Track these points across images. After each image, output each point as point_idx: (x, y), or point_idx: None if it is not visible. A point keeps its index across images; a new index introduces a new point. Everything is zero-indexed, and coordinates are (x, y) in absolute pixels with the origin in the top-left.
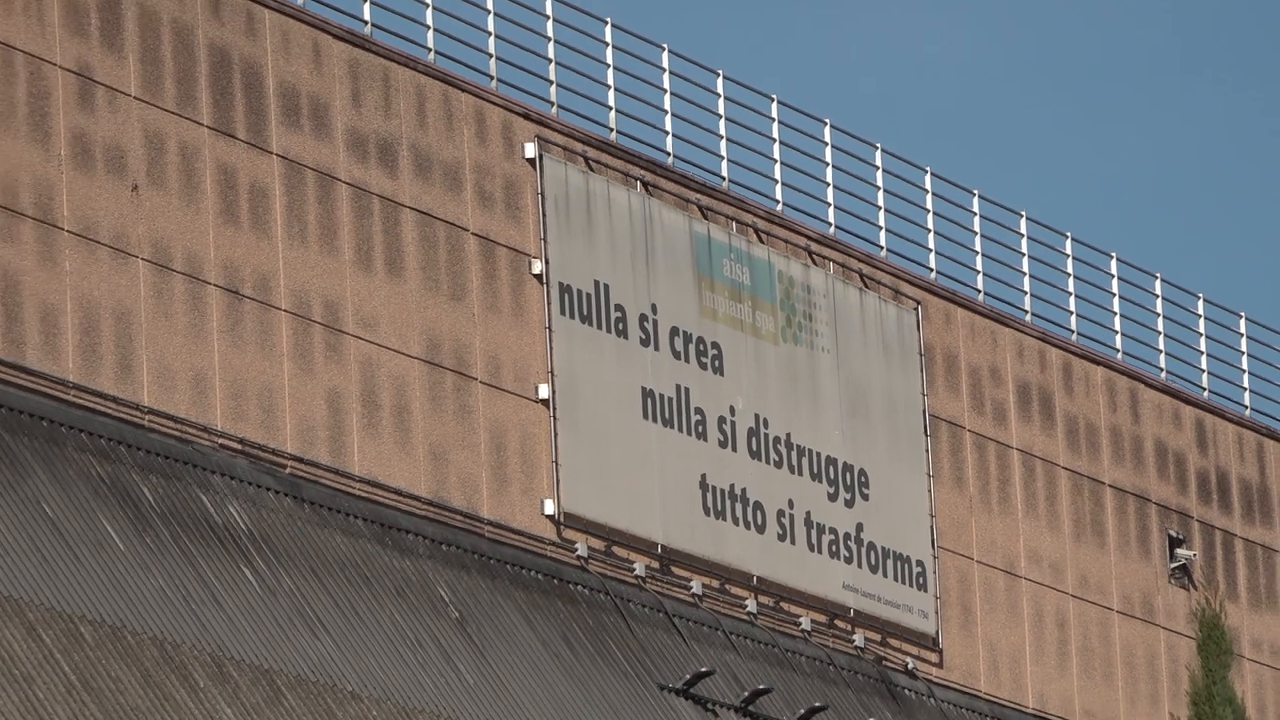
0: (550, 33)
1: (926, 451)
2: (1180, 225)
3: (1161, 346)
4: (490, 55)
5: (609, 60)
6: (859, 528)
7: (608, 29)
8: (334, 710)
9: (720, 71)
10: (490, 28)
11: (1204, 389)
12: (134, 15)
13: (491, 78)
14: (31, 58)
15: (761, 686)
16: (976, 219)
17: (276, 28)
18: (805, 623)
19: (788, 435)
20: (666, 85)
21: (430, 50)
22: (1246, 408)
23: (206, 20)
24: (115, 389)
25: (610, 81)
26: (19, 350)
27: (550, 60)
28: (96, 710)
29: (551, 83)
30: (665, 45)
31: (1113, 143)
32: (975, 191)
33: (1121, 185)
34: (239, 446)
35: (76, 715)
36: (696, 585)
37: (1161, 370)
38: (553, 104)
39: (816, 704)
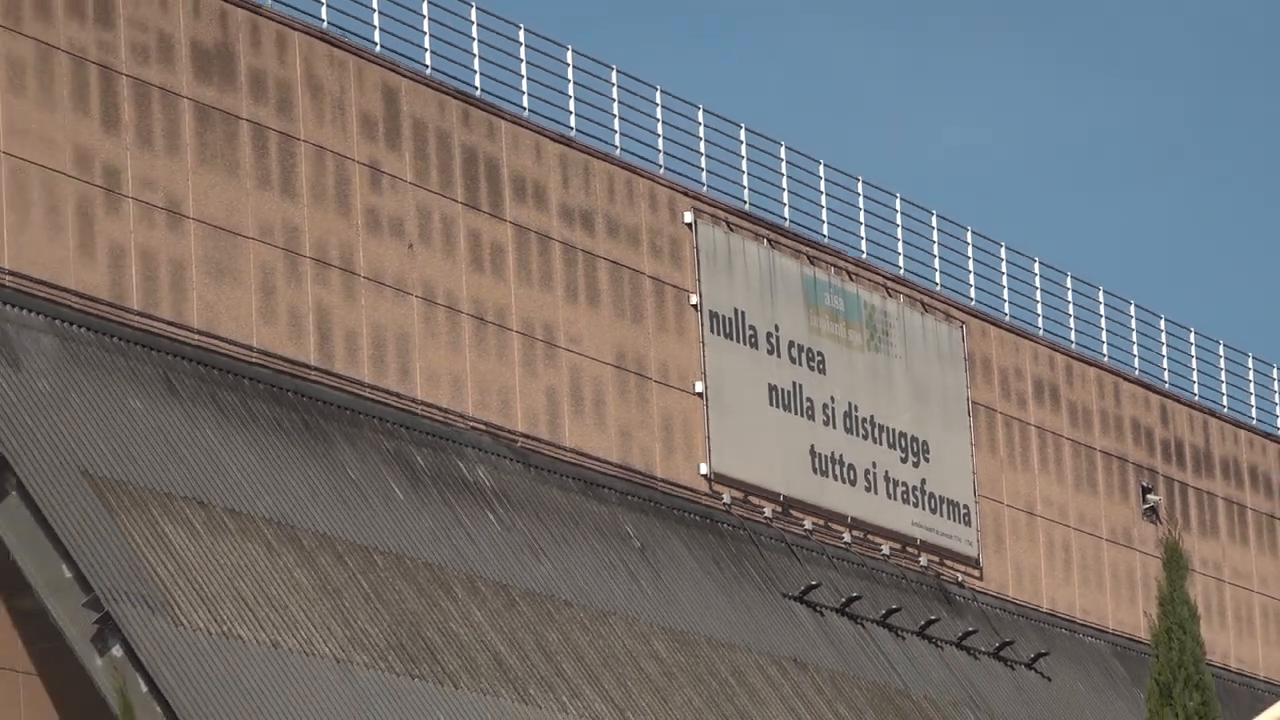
0: (701, 134)
1: (969, 428)
2: (1153, 257)
3: (1135, 352)
4: (660, 150)
5: (743, 154)
6: (923, 482)
7: (742, 131)
8: (552, 613)
9: (821, 160)
10: (659, 131)
11: (1165, 382)
12: (409, 124)
13: (660, 166)
14: (337, 155)
15: (854, 594)
16: (1004, 263)
17: (509, 132)
18: (885, 549)
19: (871, 416)
20: (784, 170)
21: (618, 148)
22: (1196, 395)
23: (459, 127)
24: (398, 387)
25: (744, 168)
26: (329, 360)
27: (702, 154)
28: (385, 614)
29: (703, 170)
30: (783, 142)
31: (1106, 200)
32: (1002, 243)
33: (1107, 233)
34: (484, 427)
35: (372, 617)
36: (807, 523)
37: (1135, 369)
38: (704, 185)
39: (893, 606)
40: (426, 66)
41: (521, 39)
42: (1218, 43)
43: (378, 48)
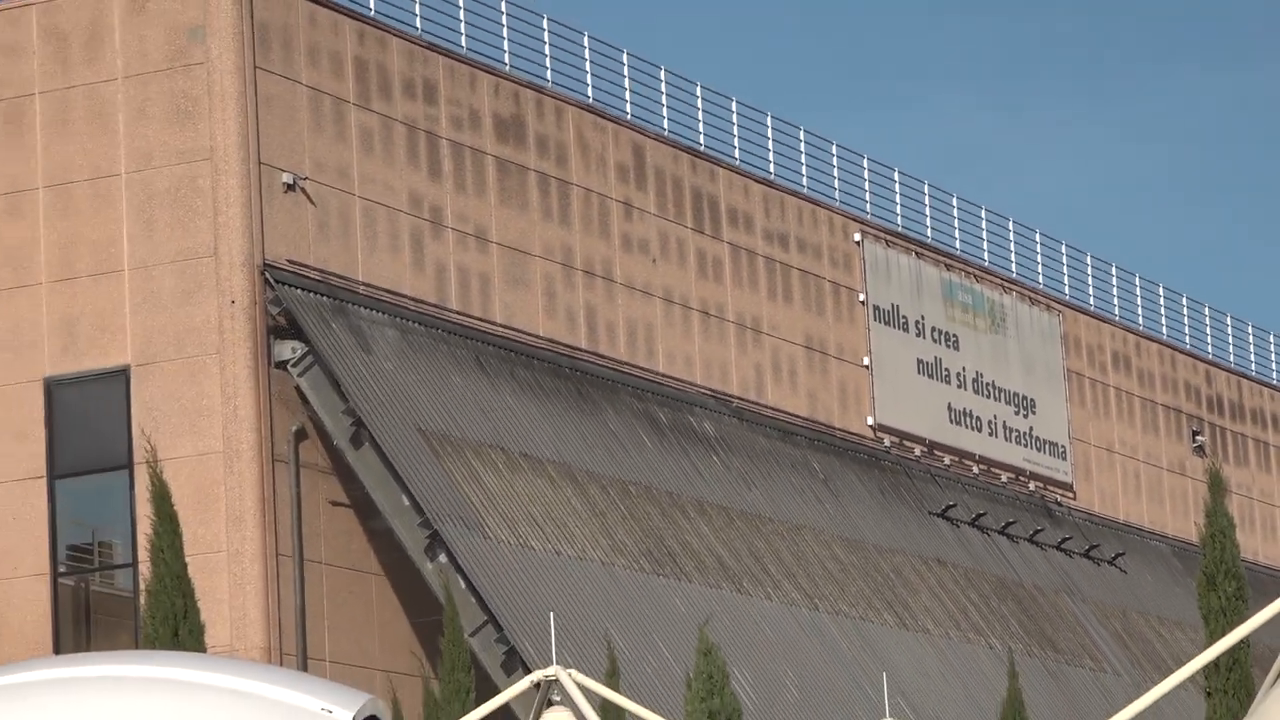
0: (866, 175)
1: (1065, 389)
2: (1200, 255)
3: (1187, 331)
4: (835, 188)
5: (897, 189)
6: (1030, 429)
7: (895, 172)
8: (759, 527)
9: (954, 194)
10: (835, 174)
11: (1209, 352)
12: (652, 171)
13: (836, 200)
14: (600, 195)
15: (981, 512)
16: (1089, 268)
17: (725, 176)
18: (1003, 478)
19: (993, 381)
20: (927, 203)
21: (804, 186)
22: (1232, 362)
23: (689, 173)
24: (645, 363)
25: (898, 200)
26: (595, 344)
27: (867, 190)
28: (638, 529)
29: (867, 202)
30: (925, 180)
31: (1165, 214)
32: (1088, 252)
33: (1165, 240)
34: (709, 392)
35: (628, 531)
36: (946, 459)
37: (1187, 343)
38: (868, 213)
39: (1010, 520)
40: (665, 130)
41: (734, 108)
42: (1244, 101)
43: (629, 115)
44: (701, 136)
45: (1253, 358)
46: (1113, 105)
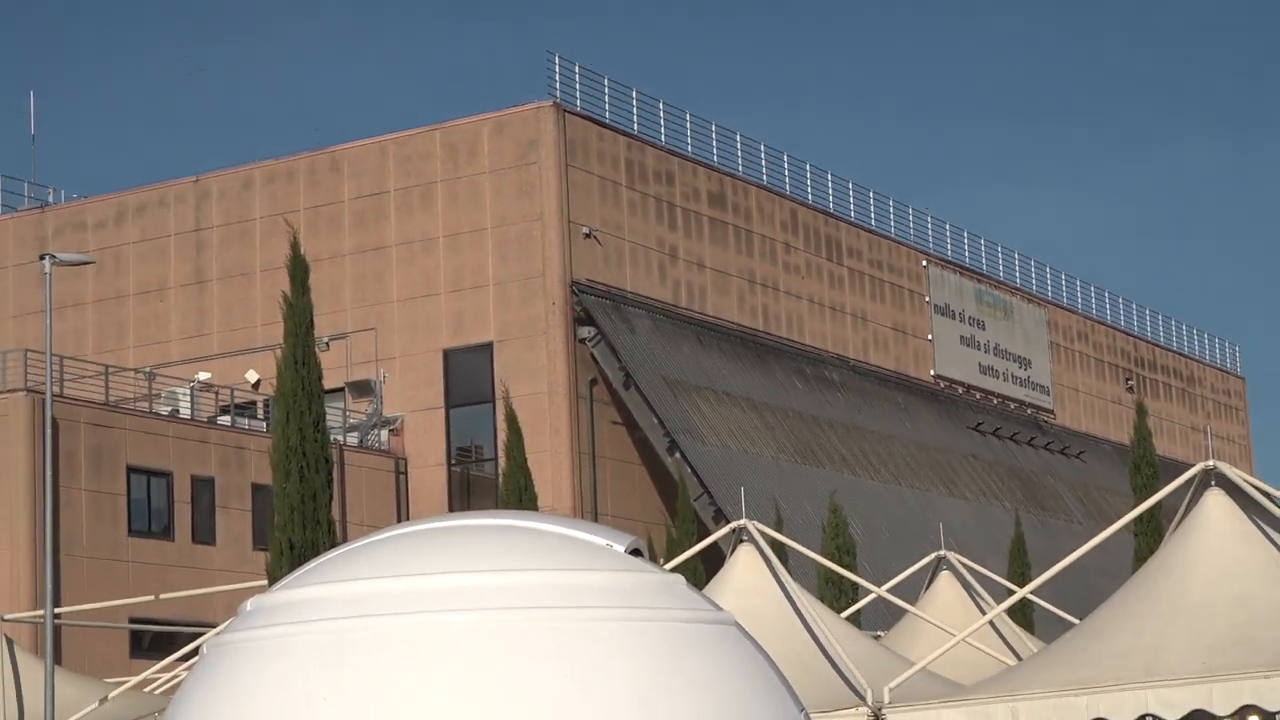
0: (929, 226)
1: (1049, 352)
2: (1141, 266)
3: (1122, 317)
4: (911, 232)
5: (948, 233)
6: (1029, 376)
7: (947, 225)
8: (865, 435)
9: (983, 236)
10: (911, 224)
11: (1136, 330)
12: (801, 225)
13: (912, 239)
14: (768, 238)
15: (998, 426)
16: (1064, 280)
17: (844, 227)
18: (1012, 406)
19: (1006, 349)
20: (966, 242)
21: (892, 231)
22: (1149, 336)
23: (824, 226)
24: (798, 339)
25: (948, 240)
26: (768, 327)
27: (929, 234)
28: (791, 434)
29: (930, 240)
30: (965, 228)
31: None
32: (1063, 271)
33: (1104, 248)
34: (834, 355)
35: (786, 435)
36: (977, 395)
37: (1123, 323)
38: (931, 248)
39: (1015, 431)
40: (809, 199)
41: (851, 187)
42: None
43: (788, 190)
44: (831, 202)
45: (1162, 334)
46: (1084, 174)
